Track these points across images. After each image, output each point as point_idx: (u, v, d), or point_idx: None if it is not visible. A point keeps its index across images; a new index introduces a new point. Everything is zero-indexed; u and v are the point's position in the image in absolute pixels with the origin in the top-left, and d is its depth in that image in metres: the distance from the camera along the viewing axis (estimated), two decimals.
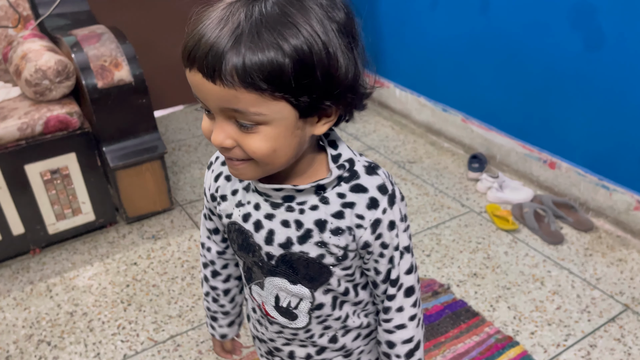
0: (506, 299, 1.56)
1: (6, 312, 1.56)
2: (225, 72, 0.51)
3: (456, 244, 1.79)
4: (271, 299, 0.72)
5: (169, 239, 1.84)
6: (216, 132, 0.57)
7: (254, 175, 0.61)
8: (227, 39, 0.51)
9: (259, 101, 0.53)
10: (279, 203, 0.65)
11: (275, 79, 0.52)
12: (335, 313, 0.72)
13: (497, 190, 2.00)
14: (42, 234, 1.75)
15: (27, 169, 1.65)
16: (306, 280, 0.68)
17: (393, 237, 0.66)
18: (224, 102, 0.54)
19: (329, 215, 0.64)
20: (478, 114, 2.25)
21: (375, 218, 0.64)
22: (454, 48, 2.24)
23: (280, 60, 0.51)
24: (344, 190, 0.64)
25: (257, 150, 0.56)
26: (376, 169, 0.65)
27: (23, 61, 1.69)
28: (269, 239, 0.66)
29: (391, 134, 2.52)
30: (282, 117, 0.55)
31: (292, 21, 0.52)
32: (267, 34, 0.51)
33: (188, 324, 1.50)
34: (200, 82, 0.53)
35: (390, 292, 0.70)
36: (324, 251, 0.65)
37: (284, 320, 0.73)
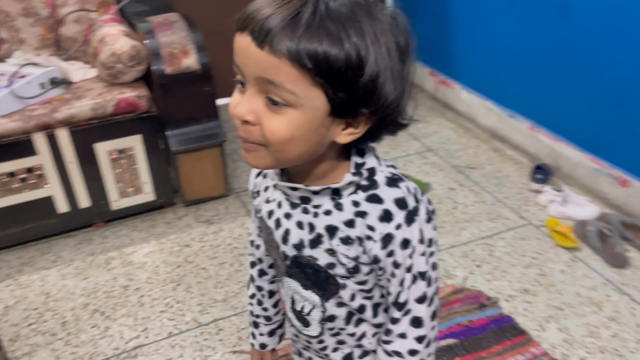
0: (557, 320, 1.49)
1: (67, 279, 1.67)
2: (276, 40, 0.51)
3: (509, 256, 1.73)
4: (288, 300, 0.73)
5: (222, 225, 1.89)
6: (242, 104, 0.56)
7: (262, 162, 0.59)
8: (288, 12, 0.52)
9: (298, 80, 0.53)
10: (297, 203, 0.65)
11: (323, 65, 0.52)
12: (349, 328, 0.71)
13: (559, 205, 1.91)
14: (105, 209, 1.85)
15: (96, 147, 1.74)
16: (316, 287, 0.67)
17: (406, 258, 0.62)
18: (263, 71, 0.53)
19: (341, 222, 0.63)
20: (547, 123, 2.14)
21: (387, 232, 0.61)
22: (527, 51, 2.14)
23: (336, 51, 0.52)
24: (359, 198, 0.62)
25: (275, 131, 0.55)
26: (398, 181, 0.62)
27: (101, 44, 1.78)
28: (284, 238, 0.67)
29: (453, 137, 2.46)
30: (313, 106, 0.55)
31: (359, 22, 0.53)
32: (330, 24, 0.52)
33: (232, 309, 1.54)
34: (247, 45, 0.53)
35: (395, 316, 0.66)
36: (334, 260, 0.64)
37: (298, 325, 0.73)
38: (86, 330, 1.49)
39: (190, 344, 1.44)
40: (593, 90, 1.90)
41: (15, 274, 1.69)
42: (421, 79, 2.79)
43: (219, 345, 1.43)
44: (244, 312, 1.53)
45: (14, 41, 1.95)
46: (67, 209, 1.79)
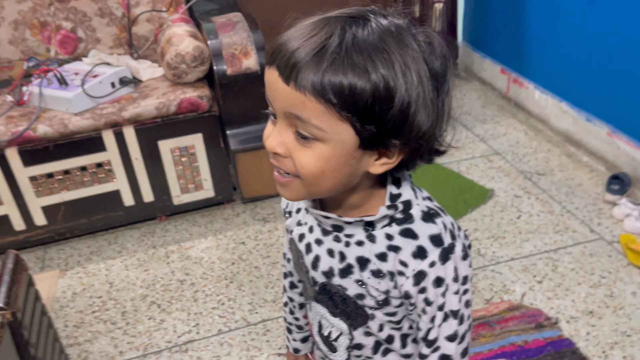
0: (623, 348, 1.38)
1: (130, 270, 1.76)
2: (301, 76, 0.51)
3: (575, 274, 1.62)
4: (316, 324, 0.72)
5: (277, 224, 1.92)
6: (273, 137, 0.56)
7: (297, 195, 0.59)
8: (313, 46, 0.51)
9: (324, 115, 0.52)
10: (329, 231, 0.64)
11: (349, 99, 0.51)
12: (376, 357, 0.70)
13: (637, 219, 1.76)
14: (167, 203, 1.92)
15: (160, 145, 1.81)
16: (344, 316, 0.66)
17: (438, 296, 0.60)
18: (290, 106, 0.53)
19: (373, 255, 0.61)
20: (628, 129, 1.97)
21: (420, 269, 0.59)
22: (608, 50, 1.98)
23: (362, 84, 0.51)
24: (393, 231, 0.60)
25: (305, 165, 0.55)
26: (435, 216, 0.60)
27: (167, 45, 1.84)
28: (314, 264, 0.66)
29: (523, 140, 2.33)
30: (341, 139, 0.54)
31: (387, 50, 0.52)
32: (356, 56, 0.51)
33: (280, 310, 1.56)
34: (275, 80, 0.54)
35: (424, 352, 0.64)
36: (364, 291, 0.63)
37: (325, 349, 0.73)
38: (143, 321, 1.57)
39: (238, 343, 1.47)
40: None
41: (84, 262, 1.80)
42: (492, 77, 2.66)
43: (265, 346, 1.46)
44: None
45: (90, 40, 2.06)
46: (132, 203, 1.88)
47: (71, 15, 2.04)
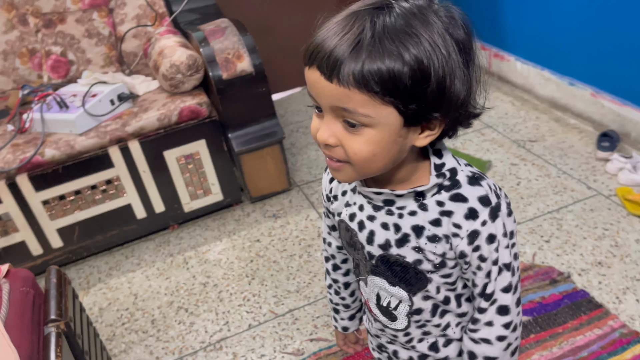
0: (635, 291, 1.46)
1: (151, 280, 1.80)
2: (342, 72, 0.55)
3: (580, 229, 1.70)
4: (373, 296, 0.76)
5: (288, 218, 1.97)
6: (322, 130, 0.60)
7: (349, 178, 0.64)
8: (349, 42, 0.55)
9: (369, 103, 0.56)
10: (380, 206, 0.68)
11: (390, 85, 0.55)
12: (434, 320, 0.74)
13: (630, 172, 1.84)
14: (179, 212, 1.96)
15: (165, 155, 1.85)
16: (404, 283, 0.70)
17: (492, 251, 0.65)
18: (336, 101, 0.57)
19: (427, 222, 0.65)
20: (610, 88, 2.06)
21: (473, 229, 0.64)
22: (585, 14, 2.06)
23: (399, 68, 0.55)
24: (443, 198, 0.65)
25: (358, 152, 0.59)
26: (480, 179, 0.65)
27: (160, 57, 1.88)
28: (369, 239, 0.70)
29: (511, 111, 2.41)
30: (387, 122, 0.58)
31: (415, 32, 0.56)
32: (389, 43, 0.55)
33: (305, 299, 1.61)
34: (317, 79, 0.57)
35: (482, 306, 0.69)
36: (421, 256, 0.67)
37: (384, 320, 0.76)
38: (173, 326, 1.61)
39: (270, 334, 1.52)
40: None
41: (105, 278, 1.84)
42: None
43: (297, 334, 1.51)
44: (316, 301, 1.60)
45: (81, 62, 2.09)
46: (145, 215, 1.92)
47: (59, 39, 2.06)
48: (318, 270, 1.71)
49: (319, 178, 2.17)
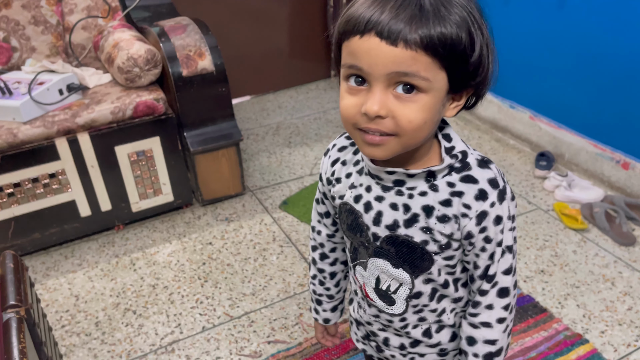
0: (575, 297, 1.56)
1: (95, 281, 1.69)
2: (410, 36, 0.55)
3: (523, 240, 1.80)
4: (372, 280, 0.75)
5: (242, 222, 1.93)
6: (372, 101, 0.58)
7: (391, 152, 0.63)
8: (412, 7, 0.56)
9: (431, 67, 0.57)
10: (390, 187, 0.69)
11: (451, 48, 0.57)
12: (432, 305, 0.75)
13: (565, 189, 1.98)
14: (126, 211, 1.87)
15: (116, 150, 1.77)
16: (407, 265, 0.71)
17: (497, 233, 0.67)
18: (397, 66, 0.56)
19: (437, 202, 0.67)
20: (547, 112, 2.22)
21: (482, 210, 0.66)
22: (525, 44, 2.22)
23: (458, 33, 0.57)
24: (454, 179, 0.67)
25: (413, 119, 0.59)
26: (489, 163, 0.68)
27: (115, 49, 1.81)
28: (377, 220, 0.70)
29: (455, 130, 2.51)
30: (439, 87, 0.59)
31: (459, 2, 0.58)
32: (444, 10, 0.57)
33: (261, 302, 1.58)
34: (376, 46, 0.56)
35: (484, 288, 0.71)
36: (428, 237, 0.68)
37: (382, 304, 0.76)
38: (120, 328, 1.52)
39: (225, 337, 1.47)
40: (591, 77, 1.98)
41: (42, 279, 1.71)
42: None
43: (253, 337, 1.47)
44: (273, 304, 1.57)
45: (25, 49, 1.97)
46: (89, 213, 1.81)
47: (3, 24, 1.93)
48: (274, 274, 1.69)
49: (272, 184, 2.16)
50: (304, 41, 2.99)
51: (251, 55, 2.87)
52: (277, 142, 2.48)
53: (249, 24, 2.80)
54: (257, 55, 2.89)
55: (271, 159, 2.34)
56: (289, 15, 2.89)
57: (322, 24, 3.00)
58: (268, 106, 2.87)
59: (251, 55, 2.87)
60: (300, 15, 2.91)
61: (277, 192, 2.11)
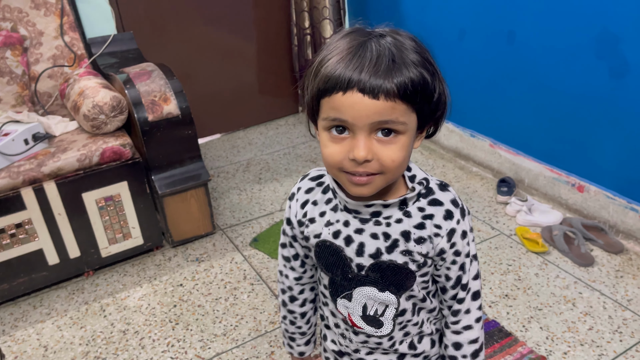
0: (538, 320, 1.61)
1: (64, 330, 1.68)
2: (388, 88, 0.62)
3: (487, 265, 1.85)
4: (359, 308, 0.80)
5: (212, 262, 1.95)
6: (359, 148, 0.65)
7: (376, 189, 0.69)
8: (385, 61, 0.63)
9: (406, 112, 0.65)
10: (368, 219, 0.75)
11: (421, 92, 0.64)
12: (414, 318, 0.82)
13: (526, 214, 2.05)
14: (95, 257, 1.87)
15: (84, 197, 1.78)
16: (393, 286, 0.77)
17: (464, 245, 0.76)
18: (379, 115, 0.63)
19: (412, 227, 0.74)
20: (506, 139, 2.31)
21: (451, 228, 0.74)
22: (481, 76, 2.32)
23: (426, 76, 0.65)
24: (422, 204, 0.75)
25: (395, 158, 0.66)
26: (447, 186, 0.77)
27: (81, 97, 1.84)
28: (359, 251, 0.76)
29: (420, 159, 2.60)
30: (412, 127, 0.67)
31: (411, 49, 0.65)
32: (407, 58, 0.64)
33: (232, 342, 1.59)
34: (359, 101, 0.63)
35: (460, 296, 0.80)
36: (407, 259, 0.75)
37: (370, 329, 0.81)
38: None
39: None
40: (545, 106, 2.08)
41: (10, 330, 1.69)
42: None
43: None
44: (244, 343, 1.58)
45: None
46: (57, 261, 1.81)
47: None
48: (245, 312, 1.70)
49: (242, 221, 2.18)
50: (272, 78, 3.07)
51: (220, 93, 2.93)
52: (247, 179, 2.52)
53: (217, 63, 2.86)
54: (227, 93, 2.94)
55: (241, 196, 2.37)
56: (255, 53, 2.96)
57: (288, 61, 3.08)
58: (238, 143, 2.91)
59: (220, 94, 2.93)
60: (267, 53, 2.99)
61: (247, 229, 2.13)
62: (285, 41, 3.01)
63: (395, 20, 2.68)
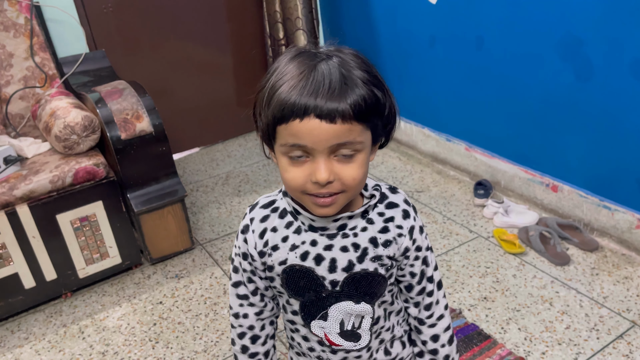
0: (516, 321, 1.62)
1: (42, 355, 1.66)
2: (344, 111, 0.63)
3: (466, 269, 1.86)
4: (336, 326, 0.80)
5: (192, 277, 1.94)
6: (321, 171, 0.66)
7: (339, 207, 0.71)
8: (336, 85, 0.64)
9: (362, 131, 0.66)
10: (335, 233, 0.76)
11: (374, 110, 0.66)
12: (386, 324, 0.84)
13: (503, 215, 2.08)
14: (73, 278, 1.85)
15: (58, 218, 1.77)
16: (367, 295, 0.78)
17: (423, 240, 0.80)
18: (337, 138, 0.64)
19: (377, 232, 0.77)
20: (481, 143, 2.34)
21: (411, 225, 0.78)
22: (453, 81, 2.35)
23: (377, 93, 0.66)
24: (381, 210, 0.78)
25: (356, 176, 0.68)
26: (396, 188, 0.82)
27: (52, 118, 1.83)
28: (332, 267, 0.76)
29: (398, 165, 2.62)
30: (368, 144, 0.69)
31: (359, 67, 0.67)
32: (356, 78, 0.65)
33: (213, 358, 1.58)
34: (316, 126, 0.63)
35: (429, 289, 0.83)
36: (377, 265, 0.77)
37: (349, 344, 0.82)
38: None
39: None
40: (516, 109, 2.11)
41: None
42: None
43: None
44: (226, 359, 1.58)
45: None
46: (33, 284, 1.79)
47: None
48: (225, 327, 1.69)
49: (222, 235, 2.18)
50: (249, 89, 3.06)
51: (198, 107, 2.93)
52: (226, 192, 2.51)
53: (193, 77, 2.86)
54: (204, 107, 2.94)
55: (221, 210, 2.37)
56: (231, 66, 2.97)
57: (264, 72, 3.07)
58: (217, 156, 2.91)
59: (198, 107, 2.93)
60: (242, 65, 3.00)
61: (227, 243, 2.12)
62: (260, 53, 3.02)
63: (367, 29, 2.71)
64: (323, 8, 2.95)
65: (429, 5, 2.31)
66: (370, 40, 2.71)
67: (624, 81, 1.70)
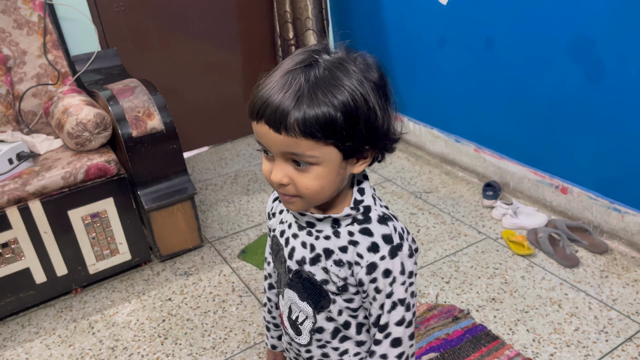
0: (525, 322, 1.62)
1: (52, 349, 1.67)
2: (289, 125, 0.63)
3: (474, 270, 1.86)
4: (286, 309, 0.84)
5: (200, 275, 1.95)
6: (275, 172, 0.68)
7: (301, 207, 0.72)
8: (290, 99, 0.63)
9: (314, 146, 0.65)
10: (303, 227, 0.77)
11: (328, 129, 0.64)
12: (334, 343, 0.81)
13: (511, 217, 2.07)
14: (83, 274, 1.87)
15: (70, 214, 1.78)
16: (311, 299, 0.78)
17: (386, 285, 0.72)
18: (286, 148, 0.65)
19: (336, 247, 0.74)
20: (490, 144, 2.34)
21: (372, 261, 0.71)
22: (463, 82, 2.35)
23: (333, 114, 0.63)
24: (354, 229, 0.74)
25: (309, 187, 0.68)
26: (388, 220, 0.74)
27: (64, 115, 1.85)
28: (290, 254, 0.79)
29: (407, 166, 2.62)
30: (330, 158, 0.67)
31: (339, 83, 0.65)
32: (321, 94, 0.64)
33: (222, 355, 1.59)
34: (267, 132, 0.65)
35: (377, 337, 0.76)
36: (327, 277, 0.75)
37: (292, 333, 0.84)
38: None
39: None
40: (526, 111, 2.11)
41: None
42: None
43: None
44: (233, 356, 1.59)
45: None
46: (44, 279, 1.80)
47: None
48: (234, 325, 1.70)
49: (231, 233, 2.19)
50: None
51: (207, 106, 2.94)
52: (235, 191, 2.53)
53: (203, 77, 2.88)
54: (213, 106, 2.96)
55: (229, 208, 2.38)
56: (241, 65, 2.98)
57: None
58: (226, 155, 2.92)
59: (207, 106, 2.94)
60: (252, 65, 3.01)
61: (235, 241, 2.14)
62: (270, 53, 3.04)
63: (377, 29, 2.71)
64: (333, 8, 2.96)
65: (439, 6, 2.31)
66: (380, 40, 2.72)
67: (636, 82, 1.70)
